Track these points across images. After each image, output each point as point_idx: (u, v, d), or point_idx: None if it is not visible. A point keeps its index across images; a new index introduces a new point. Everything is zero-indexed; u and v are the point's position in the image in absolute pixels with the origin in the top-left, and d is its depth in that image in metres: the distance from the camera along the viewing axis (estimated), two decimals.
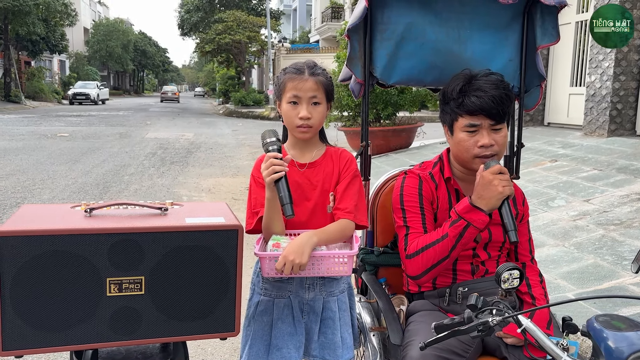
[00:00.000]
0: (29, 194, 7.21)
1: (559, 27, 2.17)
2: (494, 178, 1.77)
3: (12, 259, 1.40)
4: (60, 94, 37.13)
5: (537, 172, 6.06)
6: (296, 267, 1.67)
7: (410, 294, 2.11)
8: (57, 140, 13.30)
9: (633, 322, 1.27)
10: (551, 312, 2.07)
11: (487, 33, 2.22)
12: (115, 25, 56.05)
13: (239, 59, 34.03)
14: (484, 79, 1.87)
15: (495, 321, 1.31)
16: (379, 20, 2.11)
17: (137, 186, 7.89)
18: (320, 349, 1.93)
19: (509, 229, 1.76)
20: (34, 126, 17.11)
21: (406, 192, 2.00)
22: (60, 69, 45.45)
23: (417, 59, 2.17)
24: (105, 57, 53.85)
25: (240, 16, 31.66)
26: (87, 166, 9.52)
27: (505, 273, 1.36)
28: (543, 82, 2.28)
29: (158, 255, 1.51)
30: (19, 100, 29.05)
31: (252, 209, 1.92)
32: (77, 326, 1.48)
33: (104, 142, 13.21)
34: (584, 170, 5.83)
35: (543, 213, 4.80)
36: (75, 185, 7.83)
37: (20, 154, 10.80)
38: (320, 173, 1.94)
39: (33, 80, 33.33)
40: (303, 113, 1.83)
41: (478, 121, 1.85)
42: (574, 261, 3.80)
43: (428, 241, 1.88)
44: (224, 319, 1.60)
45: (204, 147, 12.88)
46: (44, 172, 8.84)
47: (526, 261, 2.08)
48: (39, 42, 32.44)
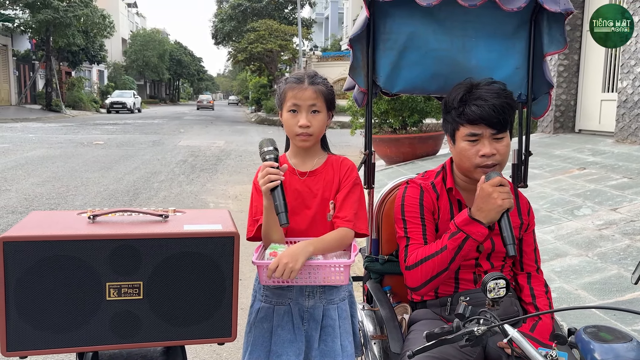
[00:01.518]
0: (62, 200, 7.45)
1: (566, 34, 2.14)
2: (494, 191, 1.76)
3: (17, 263, 1.47)
4: (98, 103, 38.20)
5: (564, 180, 5.93)
6: (288, 272, 1.69)
7: (413, 302, 2.11)
8: (93, 148, 13.69)
9: (622, 333, 1.25)
10: (557, 323, 2.04)
11: (493, 41, 2.21)
12: (152, 35, 57.46)
13: (271, 67, 34.40)
14: (485, 88, 1.86)
15: (480, 330, 1.31)
16: (381, 30, 2.12)
17: (166, 193, 8.05)
18: (321, 357, 1.94)
19: (508, 243, 1.75)
20: (72, 134, 17.66)
21: (407, 202, 2.00)
22: (98, 78, 46.84)
23: (420, 68, 2.18)
24: (142, 66, 55.20)
25: (272, 25, 32.02)
26: (119, 173, 9.77)
27: (490, 282, 1.36)
28: (551, 90, 2.25)
29: (156, 261, 1.56)
30: (59, 109, 30.00)
31: (253, 216, 1.96)
32: (78, 329, 1.53)
33: (138, 150, 13.52)
34: (613, 178, 5.68)
35: (567, 222, 4.70)
36: (107, 192, 8.05)
37: (57, 161, 11.15)
38: (321, 181, 1.97)
39: (73, 90, 34.42)
40: (302, 121, 1.87)
41: (479, 130, 1.84)
42: (596, 272, 3.71)
43: (427, 253, 1.87)
44: (221, 324, 1.63)
45: (234, 155, 13.05)
46: (78, 179, 9.11)
47: (532, 271, 2.05)
48: (79, 53, 33.50)
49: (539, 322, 1.87)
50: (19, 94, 32.20)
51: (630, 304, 3.17)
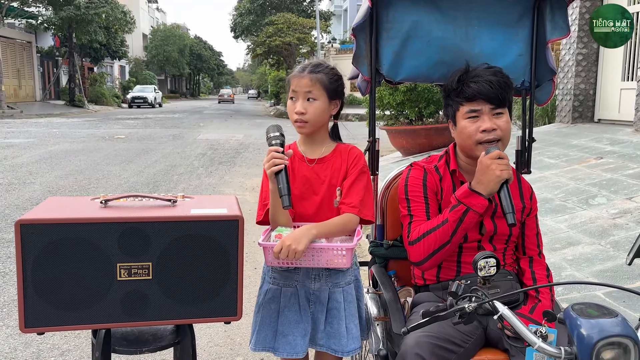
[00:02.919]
0: (84, 192, 7.63)
1: (569, 20, 2.16)
2: (492, 162, 1.81)
3: (33, 244, 1.56)
4: (120, 98, 38.75)
5: (580, 170, 5.88)
6: (292, 253, 1.75)
7: (417, 286, 2.16)
8: (114, 142, 13.93)
9: (608, 310, 1.28)
10: (557, 305, 2.07)
11: (496, 30, 2.24)
12: (172, 30, 57.95)
13: (289, 60, 34.44)
14: (481, 68, 1.93)
15: (471, 307, 1.35)
16: (384, 20, 2.17)
17: (185, 185, 8.18)
18: (327, 339, 2.00)
19: (507, 212, 1.80)
20: (94, 129, 17.97)
21: (411, 182, 2.05)
22: (120, 74, 47.49)
23: (424, 57, 2.21)
24: (163, 61, 55.76)
25: (291, 18, 32.05)
26: (139, 166, 9.95)
27: (481, 261, 1.40)
28: (554, 77, 2.27)
29: (164, 243, 1.64)
30: (82, 104, 30.51)
31: (262, 201, 2.03)
32: (91, 307, 1.62)
33: (158, 144, 13.73)
34: (630, 167, 5.62)
35: (582, 211, 4.68)
36: (127, 184, 8.21)
37: (80, 155, 11.39)
38: (329, 168, 2.02)
39: (95, 86, 34.97)
40: (297, 108, 1.93)
41: (478, 106, 1.89)
42: (608, 260, 3.70)
43: (429, 227, 1.92)
44: (227, 304, 1.71)
45: (252, 148, 13.17)
46: (100, 172, 9.31)
47: (534, 255, 2.08)
48: (101, 49, 33.99)
49: (539, 304, 1.91)
50: (43, 90, 32.85)
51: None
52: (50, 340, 3.26)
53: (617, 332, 1.20)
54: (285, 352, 1.97)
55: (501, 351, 1.86)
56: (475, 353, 1.84)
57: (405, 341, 1.79)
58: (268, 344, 2.00)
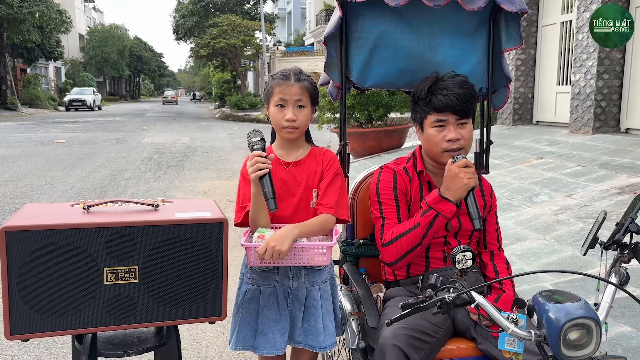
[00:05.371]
0: (27, 199, 7.34)
1: (521, 32, 2.33)
2: (460, 171, 1.94)
3: (18, 251, 1.55)
4: (56, 101, 37.22)
5: (523, 170, 6.23)
6: (276, 254, 1.82)
7: (387, 282, 2.27)
8: (54, 147, 13.43)
9: (572, 295, 1.42)
10: (517, 296, 2.23)
11: (456, 38, 2.38)
12: (110, 31, 56.17)
13: (234, 62, 34.20)
14: (449, 80, 2.05)
15: (450, 297, 1.47)
16: (354, 29, 2.27)
17: (134, 190, 8.03)
18: (304, 335, 2.08)
19: (474, 217, 1.93)
20: (31, 133, 17.24)
21: (382, 185, 2.16)
22: (56, 75, 45.57)
23: (390, 65, 2.33)
24: (101, 63, 53.98)
25: (235, 20, 31.83)
26: (84, 171, 9.66)
27: (459, 254, 1.52)
28: (509, 83, 2.44)
29: (150, 246, 1.67)
30: (15, 107, 29.14)
31: (241, 203, 2.08)
32: (77, 312, 1.63)
33: (101, 148, 13.34)
34: (568, 166, 6.00)
35: (527, 208, 4.97)
36: (73, 190, 7.97)
37: (18, 160, 10.93)
38: (305, 171, 2.11)
39: (29, 88, 33.45)
40: (289, 115, 2.00)
41: (445, 117, 2.02)
42: (553, 253, 3.96)
43: (401, 230, 2.04)
44: (212, 304, 1.75)
45: (200, 151, 13.02)
46: (42, 177, 8.98)
47: (494, 249, 2.23)
48: (35, 50, 32.60)
49: (502, 294, 2.06)
50: None
51: (583, 280, 3.42)
52: (24, 349, 3.17)
53: (581, 314, 1.34)
54: (265, 350, 2.03)
55: (468, 340, 1.99)
56: (445, 342, 1.97)
57: (382, 334, 1.89)
58: (248, 342, 2.05)
